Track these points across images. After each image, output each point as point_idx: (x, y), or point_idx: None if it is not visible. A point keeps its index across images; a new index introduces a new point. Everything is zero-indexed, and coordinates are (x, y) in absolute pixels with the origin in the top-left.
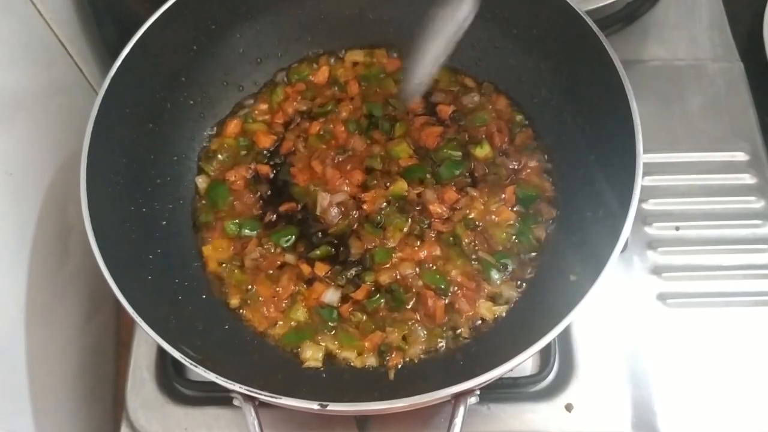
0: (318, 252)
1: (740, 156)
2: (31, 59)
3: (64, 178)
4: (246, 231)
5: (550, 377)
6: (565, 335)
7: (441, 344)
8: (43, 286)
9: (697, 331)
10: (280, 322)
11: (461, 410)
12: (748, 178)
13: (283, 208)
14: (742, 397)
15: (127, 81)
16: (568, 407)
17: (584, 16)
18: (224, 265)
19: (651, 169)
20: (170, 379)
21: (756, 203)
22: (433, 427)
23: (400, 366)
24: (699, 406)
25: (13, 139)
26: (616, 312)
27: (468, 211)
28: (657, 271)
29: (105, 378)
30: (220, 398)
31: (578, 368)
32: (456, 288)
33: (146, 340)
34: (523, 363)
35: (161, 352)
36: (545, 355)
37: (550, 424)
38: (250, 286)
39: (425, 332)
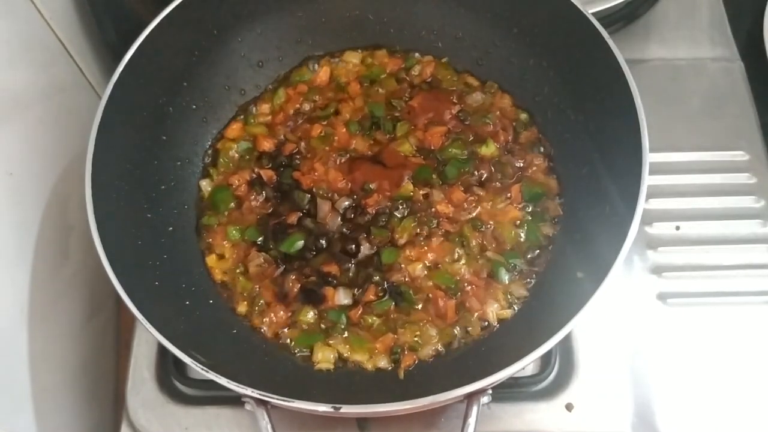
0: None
1: (740, 156)
2: (31, 59)
3: (65, 178)
4: (248, 237)
5: (551, 377)
6: (566, 335)
7: (453, 343)
8: (44, 285)
9: (698, 330)
10: (289, 326)
11: (474, 409)
12: (748, 178)
13: (287, 218)
14: (742, 396)
15: (130, 86)
16: (569, 407)
17: (587, 15)
18: (229, 273)
19: (651, 169)
20: (171, 378)
21: (756, 203)
22: (434, 428)
23: (411, 367)
24: (699, 405)
25: (14, 139)
26: (616, 312)
27: (475, 211)
28: (657, 270)
29: (105, 377)
30: (221, 397)
31: (578, 368)
32: (466, 285)
33: (147, 339)
34: None
35: (162, 351)
36: (546, 355)
37: (550, 423)
38: (256, 293)
39: (437, 332)
